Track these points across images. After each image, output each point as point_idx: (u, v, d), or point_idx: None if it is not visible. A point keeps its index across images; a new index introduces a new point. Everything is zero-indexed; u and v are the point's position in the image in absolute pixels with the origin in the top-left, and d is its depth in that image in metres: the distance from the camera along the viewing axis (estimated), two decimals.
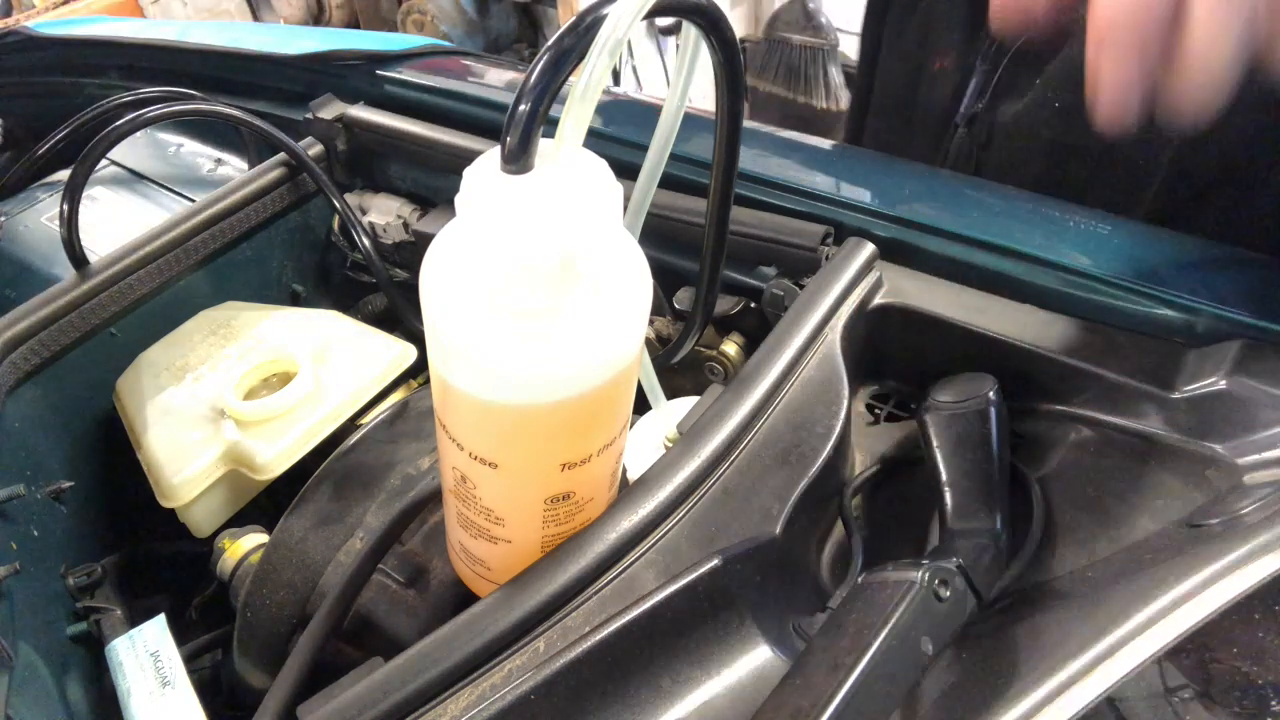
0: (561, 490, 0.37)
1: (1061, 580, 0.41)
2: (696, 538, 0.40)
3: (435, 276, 0.33)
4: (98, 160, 0.61)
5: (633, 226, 0.45)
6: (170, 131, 0.94)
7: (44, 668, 0.49)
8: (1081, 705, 0.31)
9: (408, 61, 0.80)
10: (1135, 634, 0.32)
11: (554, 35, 0.30)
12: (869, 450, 0.53)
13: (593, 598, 0.38)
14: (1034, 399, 0.51)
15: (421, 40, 0.85)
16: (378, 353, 0.63)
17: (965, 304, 0.53)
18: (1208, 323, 0.48)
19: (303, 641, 0.45)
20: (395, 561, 0.50)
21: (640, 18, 0.31)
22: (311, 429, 0.58)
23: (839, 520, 0.49)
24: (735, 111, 0.39)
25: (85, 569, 0.59)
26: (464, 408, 0.34)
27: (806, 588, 0.45)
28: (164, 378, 0.62)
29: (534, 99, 0.29)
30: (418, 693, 0.36)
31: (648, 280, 0.34)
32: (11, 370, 0.59)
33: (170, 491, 0.56)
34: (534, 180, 0.30)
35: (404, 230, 0.74)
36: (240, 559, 0.55)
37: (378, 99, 0.78)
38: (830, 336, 0.50)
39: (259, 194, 0.72)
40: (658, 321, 0.63)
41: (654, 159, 0.43)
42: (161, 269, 0.66)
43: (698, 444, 0.43)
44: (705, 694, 0.38)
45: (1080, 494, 0.44)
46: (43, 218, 0.82)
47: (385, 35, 0.87)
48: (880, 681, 0.33)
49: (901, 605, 0.35)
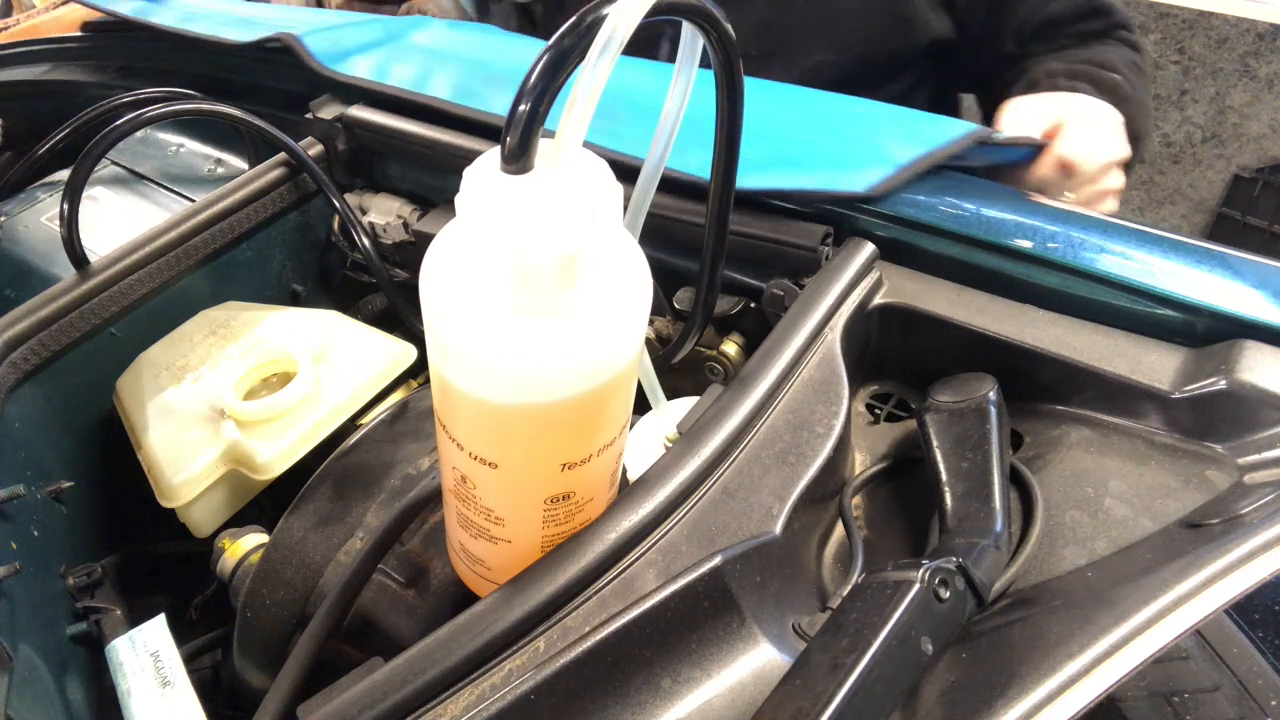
0: (561, 490, 0.37)
1: (1061, 580, 0.41)
2: (696, 538, 0.40)
3: (435, 276, 0.33)
4: (98, 160, 0.61)
5: (633, 227, 0.45)
6: (170, 131, 0.94)
7: (44, 668, 0.49)
8: (1081, 705, 0.31)
9: None
10: (1135, 634, 0.32)
11: (554, 35, 0.30)
12: (869, 450, 0.53)
13: (593, 598, 0.38)
14: (1034, 399, 0.51)
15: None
16: (378, 353, 0.63)
17: (965, 304, 0.53)
18: (1208, 323, 0.48)
19: (303, 641, 0.45)
20: (395, 561, 0.50)
21: (640, 18, 0.31)
22: (311, 429, 0.58)
23: (839, 520, 0.49)
24: (735, 111, 0.39)
25: (85, 569, 0.59)
26: (464, 408, 0.34)
27: (806, 588, 0.45)
28: (164, 378, 0.62)
29: (534, 99, 0.29)
30: (418, 693, 0.36)
31: (648, 280, 0.34)
32: (11, 370, 0.59)
33: (170, 491, 0.56)
34: (534, 181, 0.30)
35: (404, 230, 0.74)
36: (240, 559, 0.55)
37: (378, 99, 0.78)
38: (830, 336, 0.50)
39: (259, 194, 0.72)
40: (658, 321, 0.63)
41: (654, 159, 0.43)
42: (161, 269, 0.66)
43: (698, 444, 0.43)
44: (705, 694, 0.38)
45: (1080, 494, 0.44)
46: (43, 218, 0.82)
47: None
48: (880, 681, 0.33)
49: (901, 605, 0.35)
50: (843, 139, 0.61)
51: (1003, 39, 0.94)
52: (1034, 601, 0.40)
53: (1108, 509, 0.43)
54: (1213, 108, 1.99)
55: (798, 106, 0.66)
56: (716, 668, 0.38)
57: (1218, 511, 0.40)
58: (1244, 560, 0.34)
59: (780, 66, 0.99)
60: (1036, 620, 0.37)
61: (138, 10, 0.93)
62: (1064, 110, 0.74)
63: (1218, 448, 0.44)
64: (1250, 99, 1.93)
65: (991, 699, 0.32)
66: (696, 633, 0.38)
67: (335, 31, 0.81)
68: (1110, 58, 0.87)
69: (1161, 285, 0.49)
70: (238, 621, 0.52)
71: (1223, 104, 1.97)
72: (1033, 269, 0.53)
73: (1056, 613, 0.37)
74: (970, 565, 0.37)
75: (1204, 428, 0.45)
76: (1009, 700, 0.32)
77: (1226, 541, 0.35)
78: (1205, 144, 2.06)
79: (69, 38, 1.01)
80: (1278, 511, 0.36)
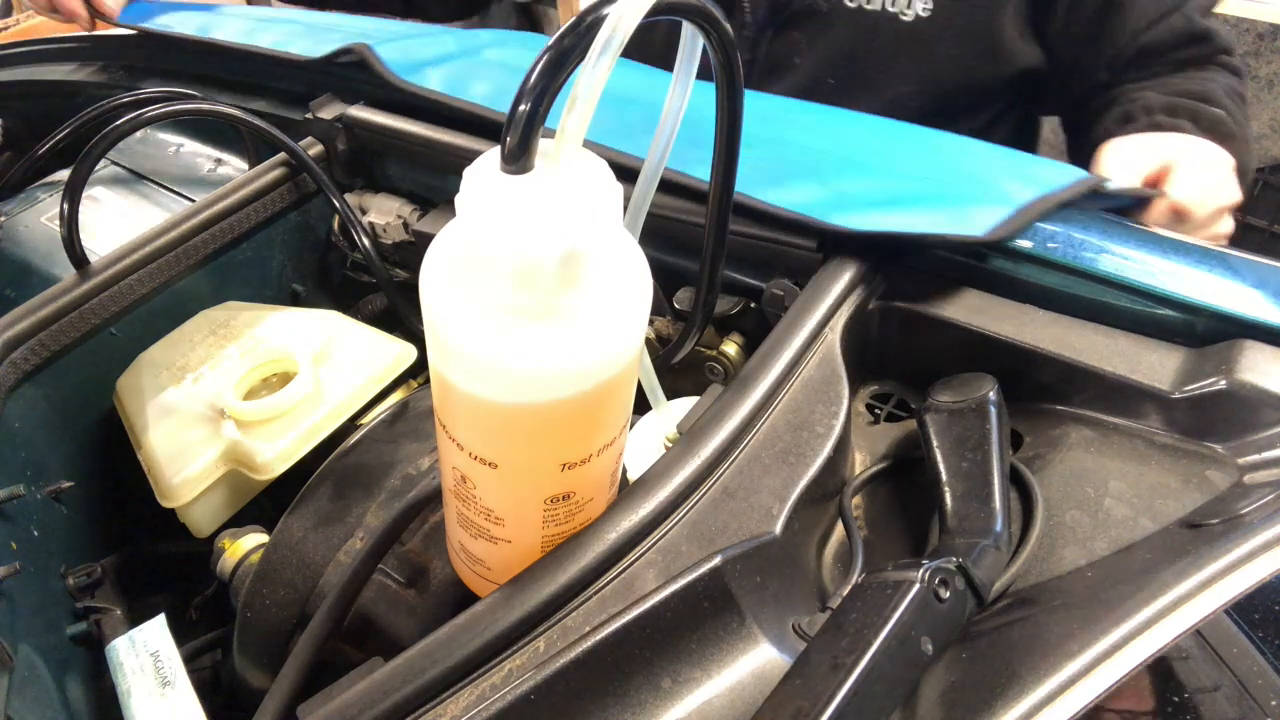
0: (561, 490, 0.37)
1: (1061, 580, 0.41)
2: (696, 538, 0.40)
3: (435, 276, 0.33)
4: (98, 160, 0.61)
5: (633, 227, 0.45)
6: (170, 131, 0.94)
7: (44, 668, 0.49)
8: (1081, 705, 0.31)
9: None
10: (1135, 634, 0.32)
11: (554, 35, 0.30)
12: (869, 450, 0.53)
13: (593, 598, 0.38)
14: (1034, 399, 0.51)
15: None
16: (378, 353, 0.63)
17: (965, 304, 0.53)
18: (1208, 323, 0.48)
19: (303, 641, 0.45)
20: (395, 561, 0.50)
21: (640, 18, 0.31)
22: (311, 429, 0.58)
23: (839, 520, 0.49)
24: (735, 111, 0.39)
25: (85, 569, 0.59)
26: (464, 408, 0.34)
27: (806, 588, 0.45)
28: (164, 378, 0.62)
29: (534, 99, 0.29)
30: (418, 693, 0.36)
31: (648, 280, 0.34)
32: (11, 370, 0.59)
33: (170, 491, 0.56)
34: (534, 180, 0.30)
35: (404, 230, 0.74)
36: (240, 559, 0.55)
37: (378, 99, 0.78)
38: (830, 336, 0.50)
39: (259, 194, 0.72)
40: (658, 321, 0.63)
41: (654, 159, 0.43)
42: (161, 269, 0.66)
43: (698, 444, 0.43)
44: (705, 694, 0.38)
45: (1080, 494, 0.44)
46: (43, 218, 0.82)
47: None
48: (880, 681, 0.33)
49: (901, 605, 0.35)
50: (956, 177, 0.58)
51: (1096, 68, 0.89)
52: (1034, 601, 0.40)
53: (1108, 509, 0.43)
54: None
55: (897, 141, 0.64)
56: (716, 668, 0.38)
57: (1218, 511, 0.40)
58: (1244, 560, 0.34)
59: (864, 96, 0.95)
60: (1036, 620, 0.37)
61: (199, 28, 0.89)
62: (1171, 153, 0.71)
63: (1218, 448, 0.44)
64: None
65: (991, 699, 0.32)
66: (696, 633, 0.38)
67: (406, 42, 0.78)
68: (1211, 88, 0.82)
69: (1161, 285, 0.49)
70: (238, 621, 0.52)
71: None
72: (1033, 269, 0.53)
73: (1056, 613, 0.37)
74: (970, 565, 0.37)
75: (1204, 428, 0.45)
76: (1009, 700, 0.32)
77: (1226, 541, 0.35)
78: None
79: (69, 38, 1.01)
80: (1278, 511, 0.36)
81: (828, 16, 0.93)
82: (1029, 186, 0.54)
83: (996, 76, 0.93)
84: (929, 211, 0.53)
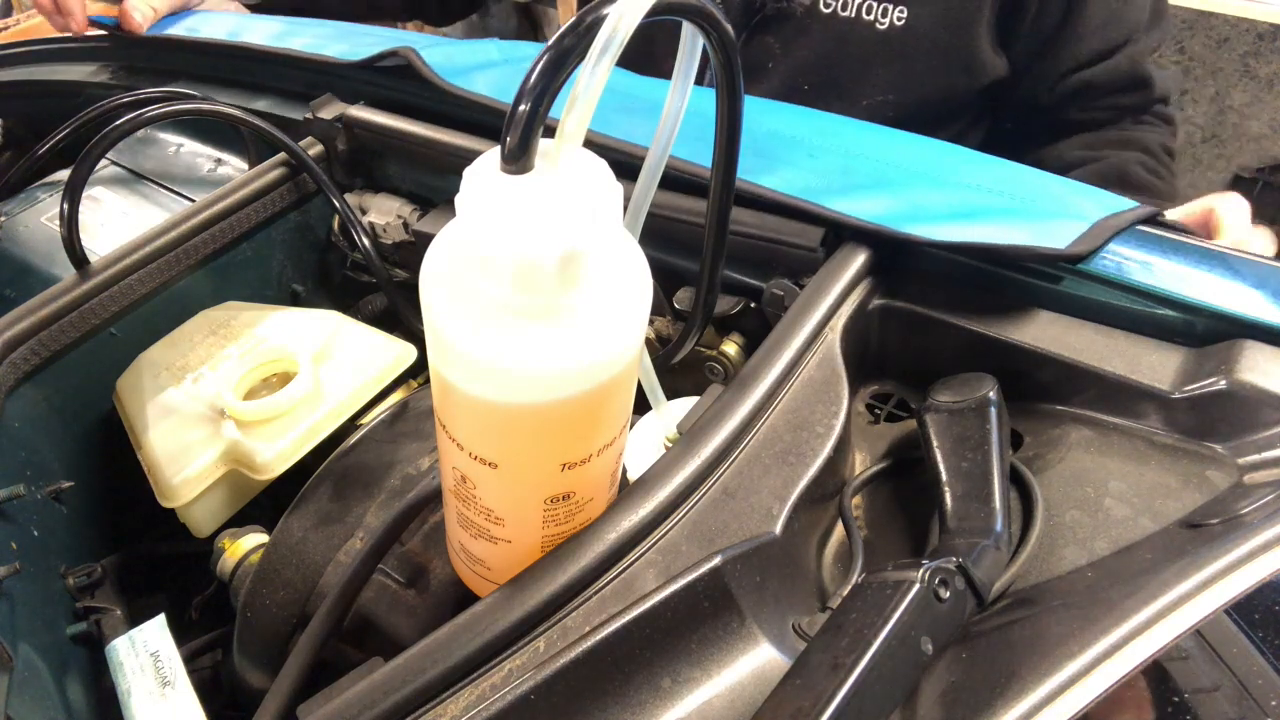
0: (561, 490, 0.37)
1: (1061, 580, 0.41)
2: (696, 538, 0.40)
3: (435, 276, 0.33)
4: (98, 160, 0.61)
5: (633, 226, 0.45)
6: (170, 131, 0.94)
7: (44, 668, 0.49)
8: (1081, 705, 0.31)
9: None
10: (1135, 634, 0.32)
11: (554, 35, 0.30)
12: (869, 450, 0.53)
13: (593, 598, 0.38)
14: (1034, 399, 0.51)
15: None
16: (378, 353, 0.63)
17: (965, 304, 0.53)
18: (1208, 323, 0.48)
19: (303, 641, 0.45)
20: (395, 561, 0.50)
21: (640, 18, 0.31)
22: (311, 429, 0.58)
23: (839, 520, 0.49)
24: (735, 112, 0.39)
25: (85, 569, 0.59)
26: (464, 407, 0.34)
27: (806, 588, 0.45)
28: (164, 378, 0.62)
29: (534, 99, 0.29)
30: (418, 693, 0.36)
31: (648, 280, 0.34)
32: (11, 370, 0.59)
33: (170, 491, 0.56)
34: (534, 180, 0.30)
35: (404, 230, 0.74)
36: (240, 559, 0.55)
37: (378, 99, 0.78)
38: (830, 336, 0.50)
39: (259, 194, 0.72)
40: (658, 321, 0.63)
41: (654, 159, 0.43)
42: (161, 269, 0.66)
43: (698, 444, 0.43)
44: (705, 694, 0.38)
45: (1080, 494, 0.45)
46: (43, 218, 0.82)
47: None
48: (880, 681, 0.33)
49: (901, 605, 0.35)
50: (1030, 192, 0.57)
51: (1038, 88, 0.92)
52: (1034, 601, 0.40)
53: (1108, 509, 0.43)
54: (1213, 108, 1.99)
55: (956, 156, 0.63)
56: (716, 668, 0.38)
57: (1218, 511, 0.40)
58: (1244, 560, 0.34)
59: (839, 103, 0.95)
60: (1036, 620, 0.37)
61: (229, 33, 0.89)
62: (1210, 199, 0.71)
63: (1218, 448, 0.44)
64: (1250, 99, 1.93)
65: (991, 699, 0.32)
66: (696, 633, 0.38)
67: (450, 49, 0.78)
68: (1131, 166, 0.87)
69: (1161, 285, 0.49)
70: (238, 621, 0.52)
71: (1223, 104, 1.97)
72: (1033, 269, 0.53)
73: (1056, 613, 0.37)
74: (970, 565, 0.37)
75: (1204, 428, 0.45)
76: (1009, 700, 0.32)
77: (1226, 542, 0.35)
78: (1205, 144, 2.06)
79: (69, 38, 1.01)
80: (1278, 511, 0.36)
81: (801, 21, 0.93)
82: (1097, 205, 0.54)
83: (970, 87, 0.94)
84: (1007, 224, 0.52)
